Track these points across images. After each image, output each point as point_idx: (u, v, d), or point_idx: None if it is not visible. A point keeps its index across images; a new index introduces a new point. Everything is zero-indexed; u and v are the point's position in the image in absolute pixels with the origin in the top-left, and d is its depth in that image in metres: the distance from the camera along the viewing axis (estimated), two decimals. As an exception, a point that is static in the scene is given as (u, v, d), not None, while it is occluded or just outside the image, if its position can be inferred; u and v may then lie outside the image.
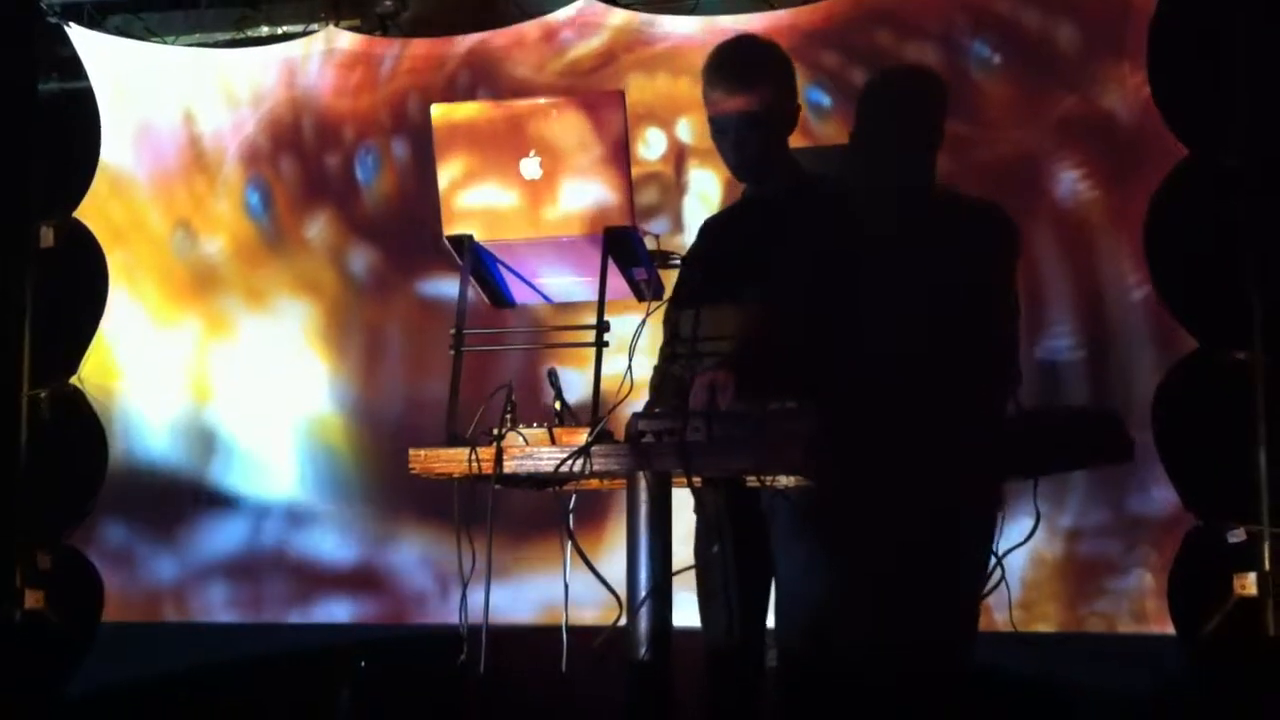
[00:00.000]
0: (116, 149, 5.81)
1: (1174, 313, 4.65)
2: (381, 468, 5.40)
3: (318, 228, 5.63)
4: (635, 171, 2.71)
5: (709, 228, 3.28)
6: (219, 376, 5.68)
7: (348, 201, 5.62)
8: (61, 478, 5.74)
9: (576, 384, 2.78)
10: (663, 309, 3.02)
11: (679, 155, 5.29)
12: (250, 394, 5.63)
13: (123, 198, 5.80)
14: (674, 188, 5.25)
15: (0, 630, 5.66)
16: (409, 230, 5.43)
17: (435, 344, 5.28)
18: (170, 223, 5.77)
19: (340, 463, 5.54)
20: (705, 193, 5.23)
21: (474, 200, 2.76)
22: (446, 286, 2.82)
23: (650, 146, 5.27)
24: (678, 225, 5.21)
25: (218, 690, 5.27)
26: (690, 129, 5.25)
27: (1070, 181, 4.85)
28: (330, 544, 5.49)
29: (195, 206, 5.75)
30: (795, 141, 3.20)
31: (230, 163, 5.72)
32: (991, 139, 4.90)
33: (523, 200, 2.73)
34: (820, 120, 5.04)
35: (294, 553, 5.53)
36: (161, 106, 5.79)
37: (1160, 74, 4.71)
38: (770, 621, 3.07)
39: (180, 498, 5.64)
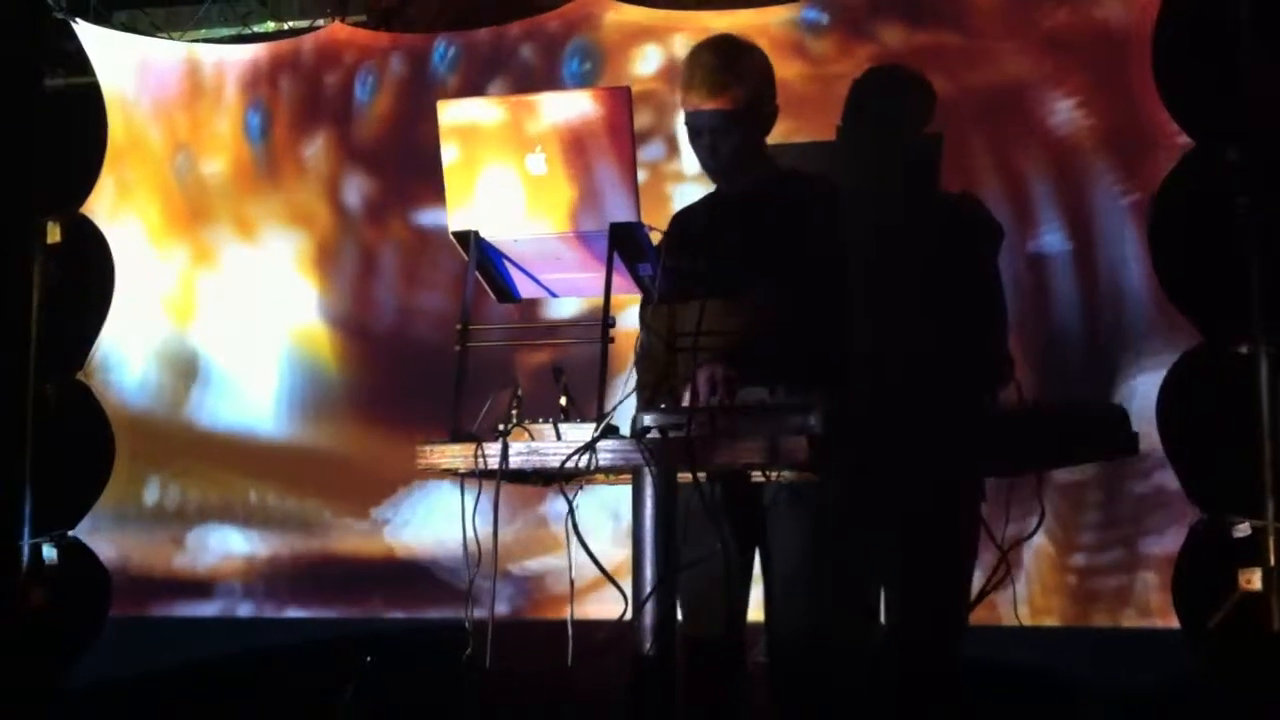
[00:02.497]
0: (118, 78, 5.83)
1: (1178, 306, 4.65)
2: (372, 380, 5.50)
3: (315, 147, 5.66)
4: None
5: (683, 220, 3.28)
6: (206, 301, 5.74)
7: (345, 123, 5.65)
8: (68, 471, 5.76)
9: (582, 380, 2.78)
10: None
11: (674, 72, 5.22)
12: (237, 316, 5.71)
13: (124, 120, 5.82)
14: (669, 106, 5.20)
15: (6, 624, 5.67)
16: (405, 159, 5.48)
17: (429, 263, 5.41)
18: (171, 146, 5.80)
19: (328, 374, 5.60)
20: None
21: (479, 195, 2.77)
22: (442, 217, 2.82)
23: (647, 60, 5.23)
24: (672, 150, 5.18)
25: (223, 684, 5.28)
26: (687, 45, 5.18)
27: (1056, 99, 4.84)
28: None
29: (195, 130, 5.78)
30: (791, 56, 3.14)
31: (231, 86, 5.76)
32: (983, 50, 4.92)
33: (528, 196, 2.73)
34: (817, 38, 5.05)
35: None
36: (164, 46, 5.88)
37: (1165, 65, 4.70)
38: (755, 614, 3.09)
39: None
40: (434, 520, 5.30)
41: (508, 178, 2.73)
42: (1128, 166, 4.76)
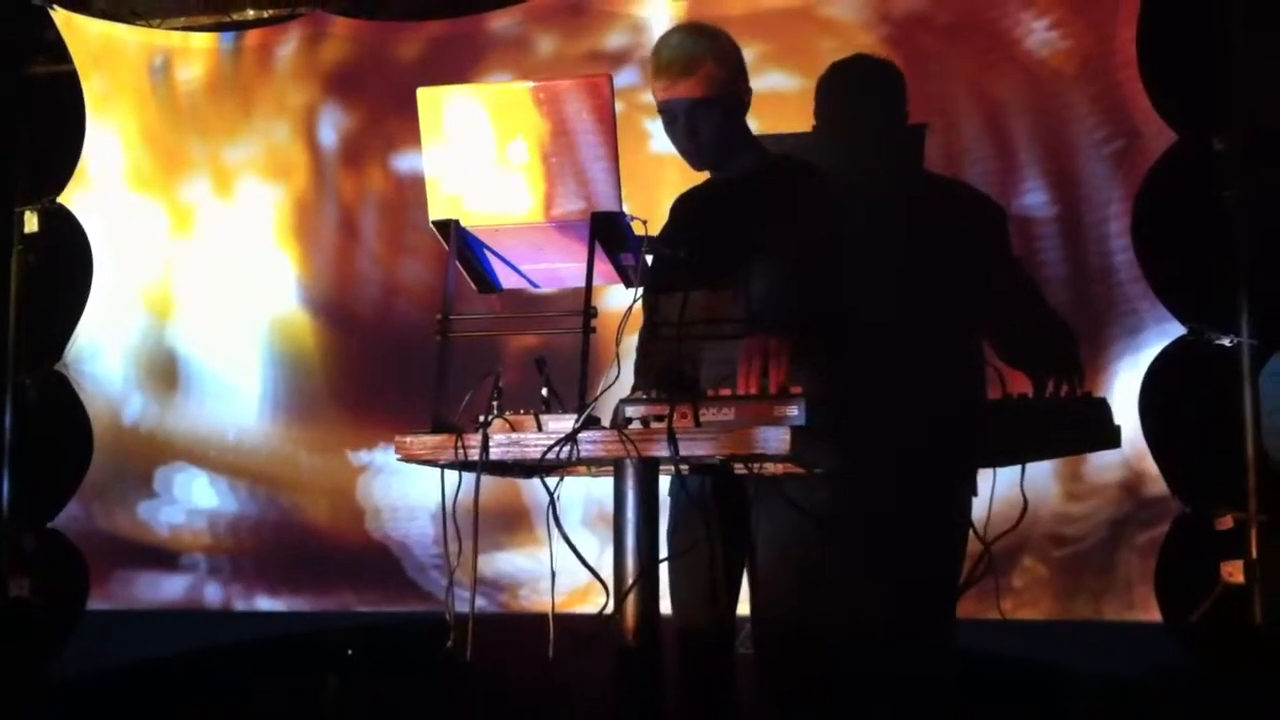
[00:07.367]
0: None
1: (1161, 298, 4.64)
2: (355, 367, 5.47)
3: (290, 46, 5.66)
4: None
5: (681, 205, 3.26)
6: (183, 288, 5.72)
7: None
8: (47, 462, 5.73)
9: (563, 371, 2.76)
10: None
11: None
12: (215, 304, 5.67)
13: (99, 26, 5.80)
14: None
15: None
16: (383, 92, 5.47)
17: (411, 223, 5.36)
18: (147, 51, 5.77)
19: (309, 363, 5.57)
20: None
21: (460, 184, 2.75)
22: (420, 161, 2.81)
23: None
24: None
25: (204, 677, 5.26)
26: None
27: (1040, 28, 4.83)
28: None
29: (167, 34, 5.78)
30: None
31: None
32: None
33: (510, 185, 2.71)
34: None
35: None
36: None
37: (1150, 54, 4.68)
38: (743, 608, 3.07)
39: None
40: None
41: (489, 167, 2.71)
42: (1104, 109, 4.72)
